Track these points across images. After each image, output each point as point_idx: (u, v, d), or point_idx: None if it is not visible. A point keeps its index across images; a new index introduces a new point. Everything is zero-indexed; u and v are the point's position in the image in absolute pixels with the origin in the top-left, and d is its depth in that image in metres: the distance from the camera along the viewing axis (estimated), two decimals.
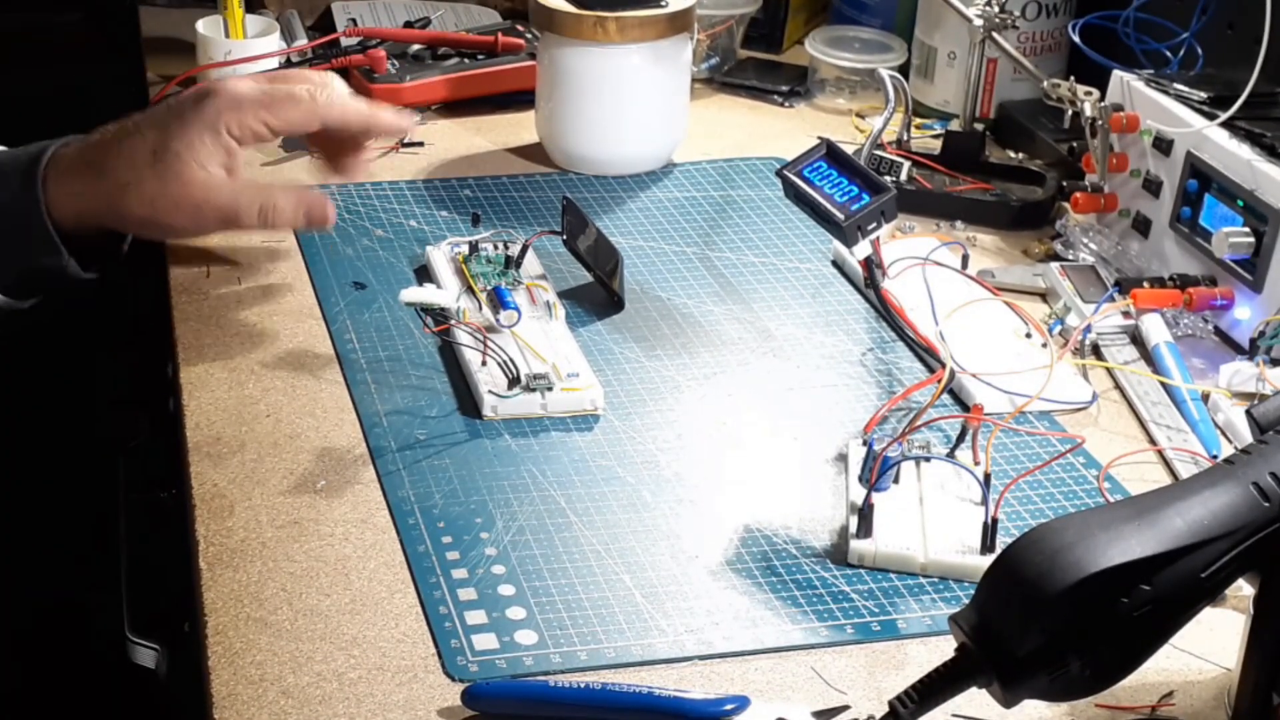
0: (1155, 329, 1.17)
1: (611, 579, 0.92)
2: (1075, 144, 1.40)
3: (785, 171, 1.15)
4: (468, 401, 1.08)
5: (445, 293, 1.13)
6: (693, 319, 1.21)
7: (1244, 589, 0.85)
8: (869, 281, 1.15)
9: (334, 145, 1.17)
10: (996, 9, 1.41)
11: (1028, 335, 1.16)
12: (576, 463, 1.02)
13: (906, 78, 1.46)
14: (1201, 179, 1.20)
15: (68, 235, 1.08)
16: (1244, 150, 1.17)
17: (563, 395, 1.07)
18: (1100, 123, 1.29)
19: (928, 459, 0.99)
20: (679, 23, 1.38)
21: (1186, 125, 1.22)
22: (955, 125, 1.48)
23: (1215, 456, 1.04)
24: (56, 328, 1.19)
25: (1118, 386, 1.14)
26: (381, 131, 1.17)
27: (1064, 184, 1.38)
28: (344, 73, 1.55)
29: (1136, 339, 1.18)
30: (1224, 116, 1.19)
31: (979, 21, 1.41)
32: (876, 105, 1.57)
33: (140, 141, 1.08)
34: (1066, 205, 1.33)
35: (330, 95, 1.12)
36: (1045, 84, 1.34)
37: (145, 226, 1.12)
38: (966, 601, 0.72)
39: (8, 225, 1.07)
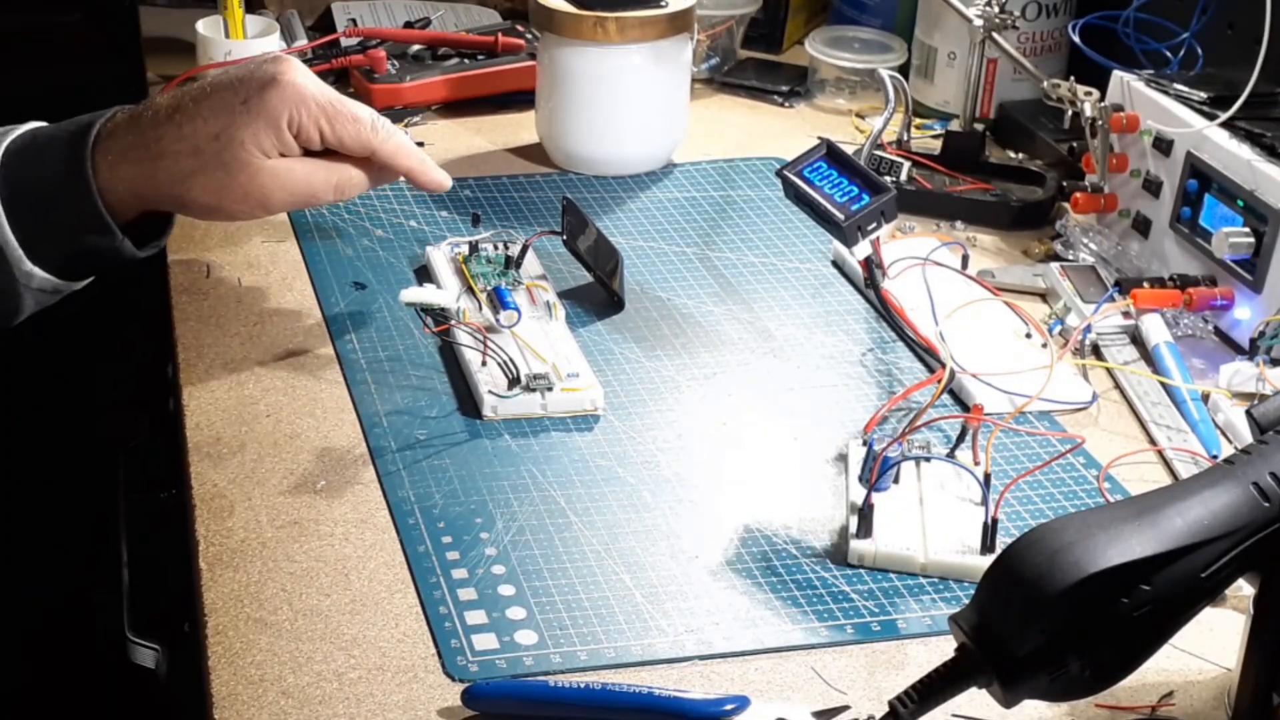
0: (1155, 329, 1.17)
1: (611, 579, 0.92)
2: (1075, 144, 1.40)
3: (785, 171, 1.15)
4: (468, 401, 1.08)
5: (445, 293, 1.13)
6: (693, 319, 1.21)
7: (1244, 589, 0.85)
8: (869, 281, 1.15)
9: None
10: (996, 9, 1.41)
11: (1028, 335, 1.16)
12: (576, 463, 1.02)
13: (906, 78, 1.46)
14: (1201, 179, 1.20)
15: (120, 216, 1.05)
16: (1244, 150, 1.17)
17: (563, 395, 1.07)
18: (1100, 123, 1.29)
19: (928, 459, 0.99)
20: (679, 23, 1.38)
21: (1186, 125, 1.22)
22: (955, 125, 1.48)
23: (1215, 456, 1.04)
24: (57, 328, 1.19)
25: (1118, 386, 1.14)
26: (424, 183, 1.14)
27: (1064, 184, 1.38)
28: (344, 73, 1.55)
29: (1136, 339, 1.18)
30: (1224, 116, 1.19)
31: (979, 21, 1.41)
32: (876, 105, 1.57)
33: (202, 126, 1.05)
34: (1066, 205, 1.33)
35: (390, 128, 1.11)
36: (1045, 84, 1.34)
37: (210, 213, 1.10)
38: (966, 601, 0.72)
39: (55, 205, 1.04)
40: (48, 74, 1.92)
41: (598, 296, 1.22)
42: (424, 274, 1.23)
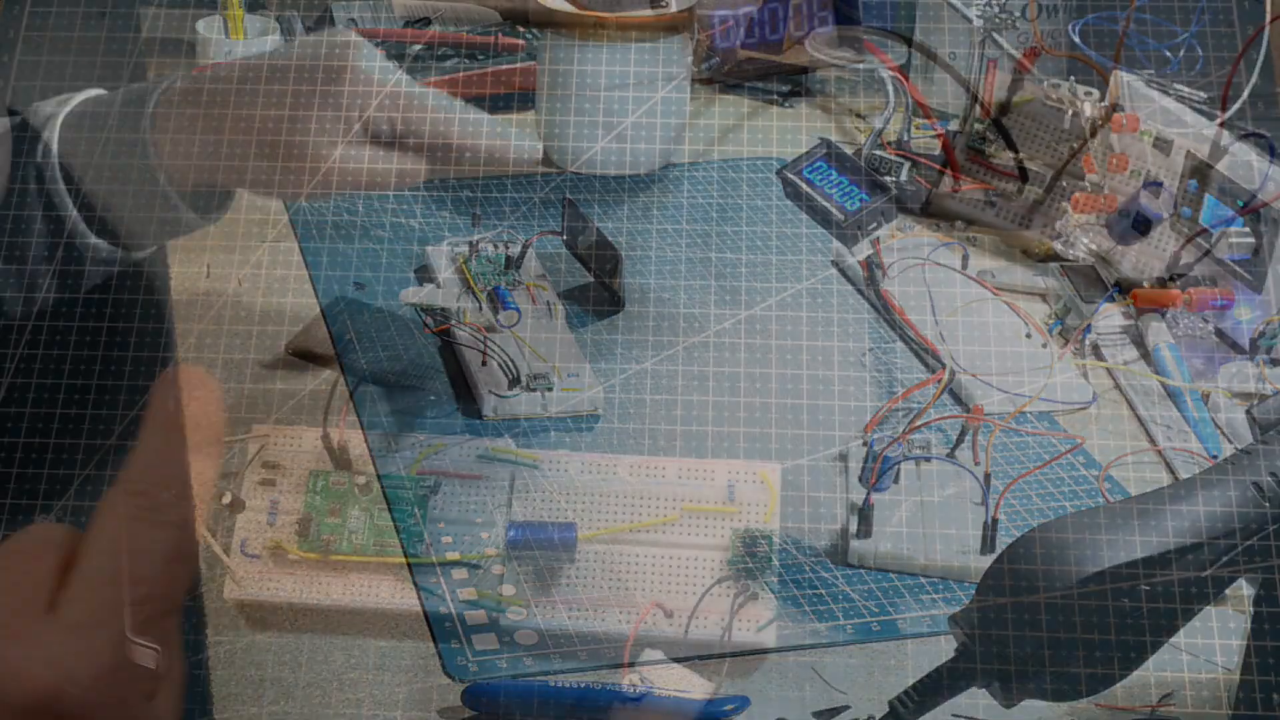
0: (1155, 329, 1.17)
1: (611, 579, 0.92)
2: (1075, 144, 1.40)
3: (785, 171, 1.15)
4: (468, 401, 1.08)
5: (445, 293, 1.13)
6: (693, 319, 1.21)
7: (1244, 589, 0.85)
8: (869, 281, 1.15)
9: None
10: (996, 9, 1.41)
11: (1028, 335, 1.16)
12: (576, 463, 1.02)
13: (906, 78, 1.45)
14: (1201, 179, 1.20)
15: (180, 186, 1.05)
16: (1244, 150, 1.17)
17: (563, 395, 1.07)
18: (1100, 123, 1.29)
19: (928, 459, 0.99)
20: (679, 23, 1.38)
21: (1186, 125, 1.22)
22: (955, 125, 1.48)
23: (1215, 456, 1.04)
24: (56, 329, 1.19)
25: (1118, 386, 1.14)
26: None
27: (1064, 184, 1.38)
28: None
29: (1137, 339, 1.18)
30: (1224, 116, 1.19)
31: (979, 21, 1.41)
32: (877, 105, 1.57)
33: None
34: (1066, 205, 1.33)
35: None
36: (1045, 84, 1.34)
37: (266, 191, 1.08)
38: (966, 601, 0.72)
39: (114, 176, 1.03)
40: None
41: (598, 297, 1.22)
42: (424, 274, 1.23)
